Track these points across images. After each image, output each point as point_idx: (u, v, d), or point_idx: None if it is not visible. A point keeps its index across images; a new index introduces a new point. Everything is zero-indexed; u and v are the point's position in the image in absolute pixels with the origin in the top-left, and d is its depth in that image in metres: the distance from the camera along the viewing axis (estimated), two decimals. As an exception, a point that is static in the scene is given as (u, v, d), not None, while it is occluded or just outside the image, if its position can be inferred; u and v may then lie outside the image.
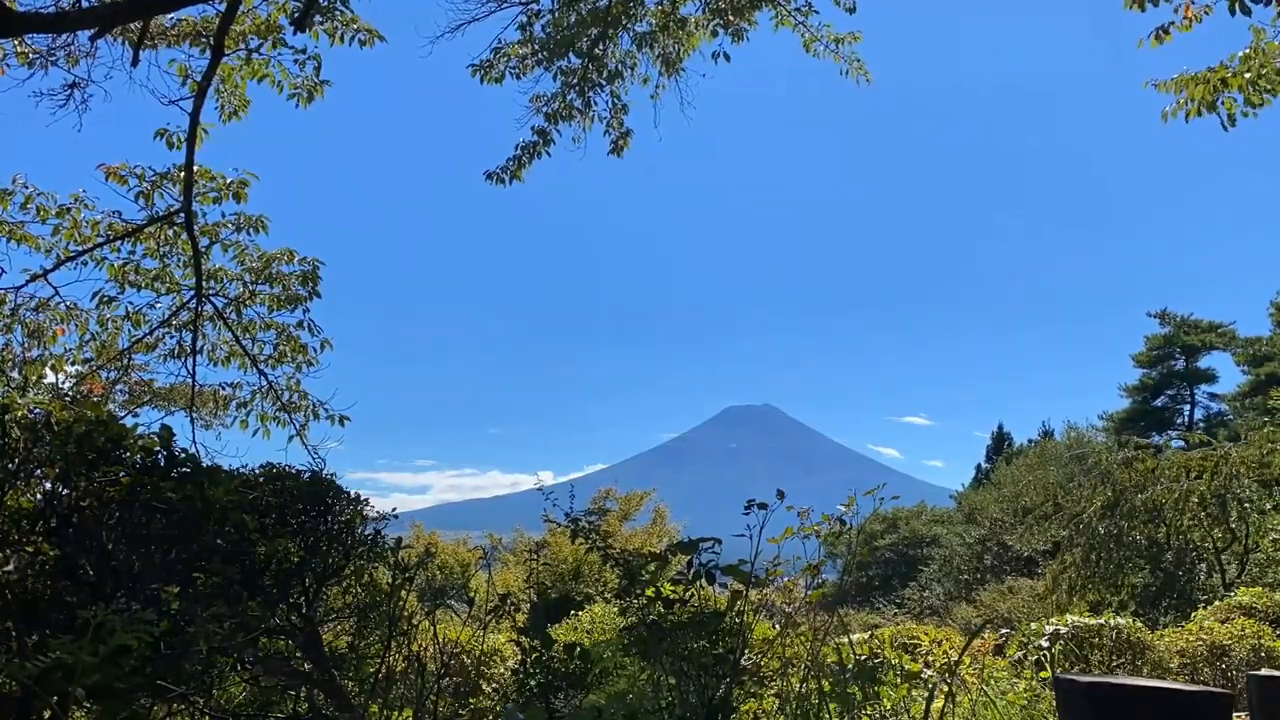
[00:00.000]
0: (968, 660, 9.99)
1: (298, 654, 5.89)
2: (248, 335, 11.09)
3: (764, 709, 5.94)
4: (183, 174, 9.77)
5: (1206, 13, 7.80)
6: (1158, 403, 56.78)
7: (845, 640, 6.43)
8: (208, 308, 10.82)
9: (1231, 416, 51.75)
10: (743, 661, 5.55)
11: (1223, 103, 8.24)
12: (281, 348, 11.16)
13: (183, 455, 5.38)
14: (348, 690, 5.98)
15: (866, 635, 10.88)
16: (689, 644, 5.53)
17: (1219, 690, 5.05)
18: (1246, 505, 18.19)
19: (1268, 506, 17.98)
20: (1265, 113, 8.18)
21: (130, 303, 10.69)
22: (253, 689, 5.64)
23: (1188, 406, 56.58)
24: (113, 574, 4.90)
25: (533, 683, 5.87)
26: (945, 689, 7.11)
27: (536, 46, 10.36)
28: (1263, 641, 11.20)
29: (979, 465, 65.53)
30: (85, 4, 8.62)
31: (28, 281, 9.96)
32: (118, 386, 11.48)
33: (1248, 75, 8.07)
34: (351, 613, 6.44)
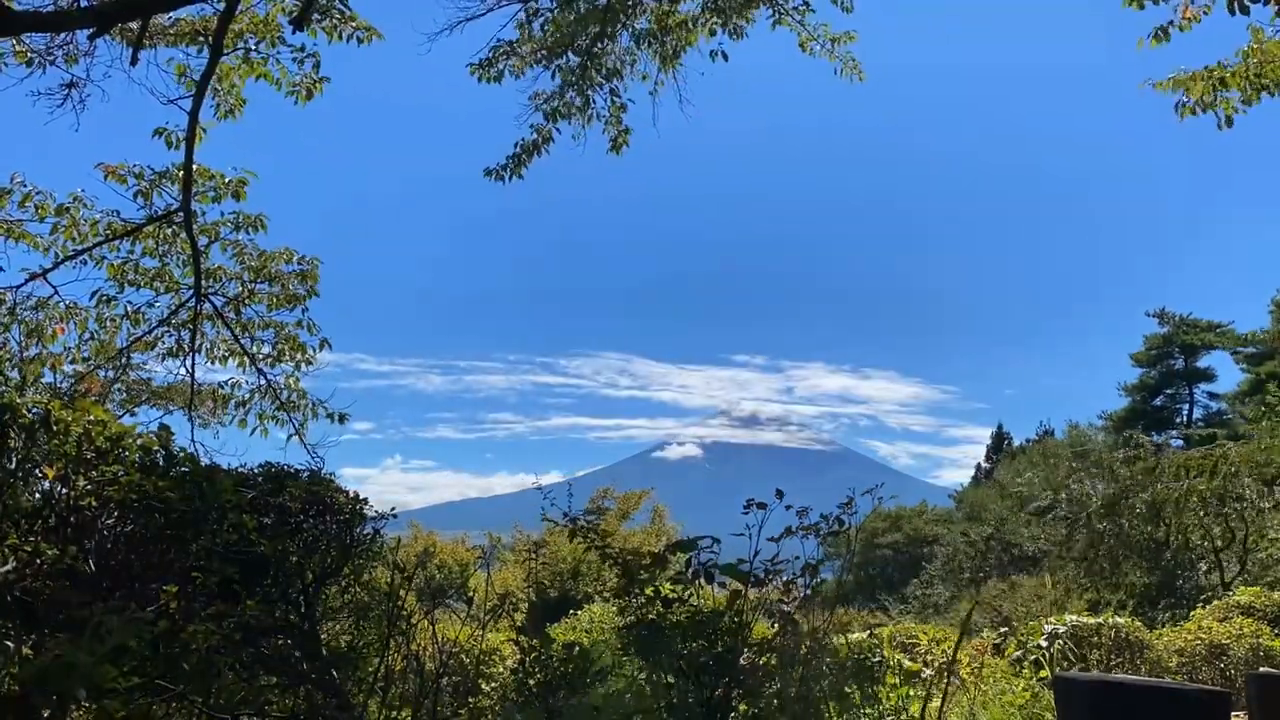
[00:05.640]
0: (966, 660, 9.99)
1: (296, 653, 5.89)
2: (247, 334, 11.08)
3: (763, 709, 5.93)
4: (181, 173, 9.76)
5: (1205, 12, 7.81)
6: (1157, 402, 56.89)
7: (844, 640, 6.43)
8: (206, 307, 10.81)
9: (1230, 415, 51.84)
10: (741, 661, 5.55)
11: (1220, 102, 8.25)
12: (280, 347, 11.15)
13: (181, 454, 5.38)
14: (347, 689, 5.98)
15: (866, 634, 10.88)
16: (688, 643, 5.53)
17: (1218, 689, 5.06)
18: (1246, 504, 18.20)
19: (1266, 506, 17.99)
20: (1268, 112, 8.19)
21: (129, 302, 10.69)
22: (251, 688, 5.63)
23: (1187, 406, 56.71)
24: (111, 573, 4.90)
25: (532, 682, 5.87)
26: (943, 687, 7.11)
27: (535, 44, 10.36)
28: (1261, 640, 11.20)
29: (979, 464, 65.69)
30: (84, 3, 8.61)
31: (27, 280, 9.96)
32: (115, 385, 11.47)
33: (1246, 74, 8.08)
34: (350, 612, 6.44)
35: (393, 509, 6.57)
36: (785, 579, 5.89)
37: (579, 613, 14.30)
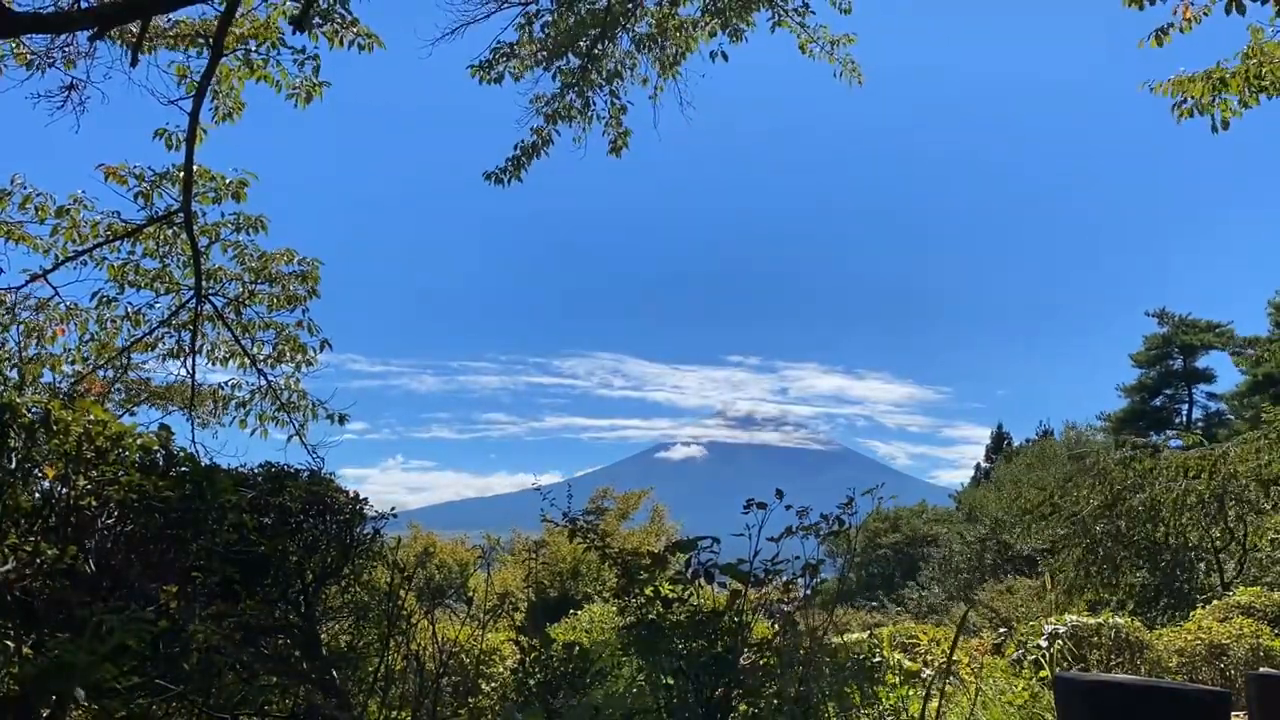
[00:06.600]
0: (965, 659, 9.99)
1: (296, 653, 5.90)
2: (247, 335, 11.09)
3: (763, 709, 5.94)
4: (182, 174, 9.77)
5: (1205, 14, 7.82)
6: (1156, 402, 56.89)
7: (843, 639, 6.44)
8: (207, 307, 10.83)
9: (1230, 416, 51.86)
10: (741, 661, 5.55)
11: (1218, 104, 8.27)
12: (281, 347, 11.17)
13: (181, 454, 5.38)
14: (347, 689, 5.99)
15: (865, 634, 10.88)
16: (688, 643, 5.53)
17: (1218, 689, 5.07)
18: (1245, 505, 18.19)
19: (1266, 506, 17.98)
20: (1268, 113, 8.21)
21: (130, 303, 10.71)
22: (251, 688, 5.64)
23: (1186, 406, 56.72)
24: (111, 573, 4.90)
25: (532, 682, 5.88)
26: (941, 688, 7.12)
27: (536, 47, 10.38)
28: (1261, 641, 11.20)
29: (978, 464, 65.72)
30: (84, 4, 8.61)
31: (27, 282, 9.98)
32: (115, 386, 11.48)
33: (1246, 75, 8.09)
34: (350, 612, 6.45)
35: (392, 509, 6.58)
36: (785, 579, 5.90)
37: (579, 613, 14.29)
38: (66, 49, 9.36)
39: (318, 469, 6.81)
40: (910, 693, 7.23)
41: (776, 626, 5.92)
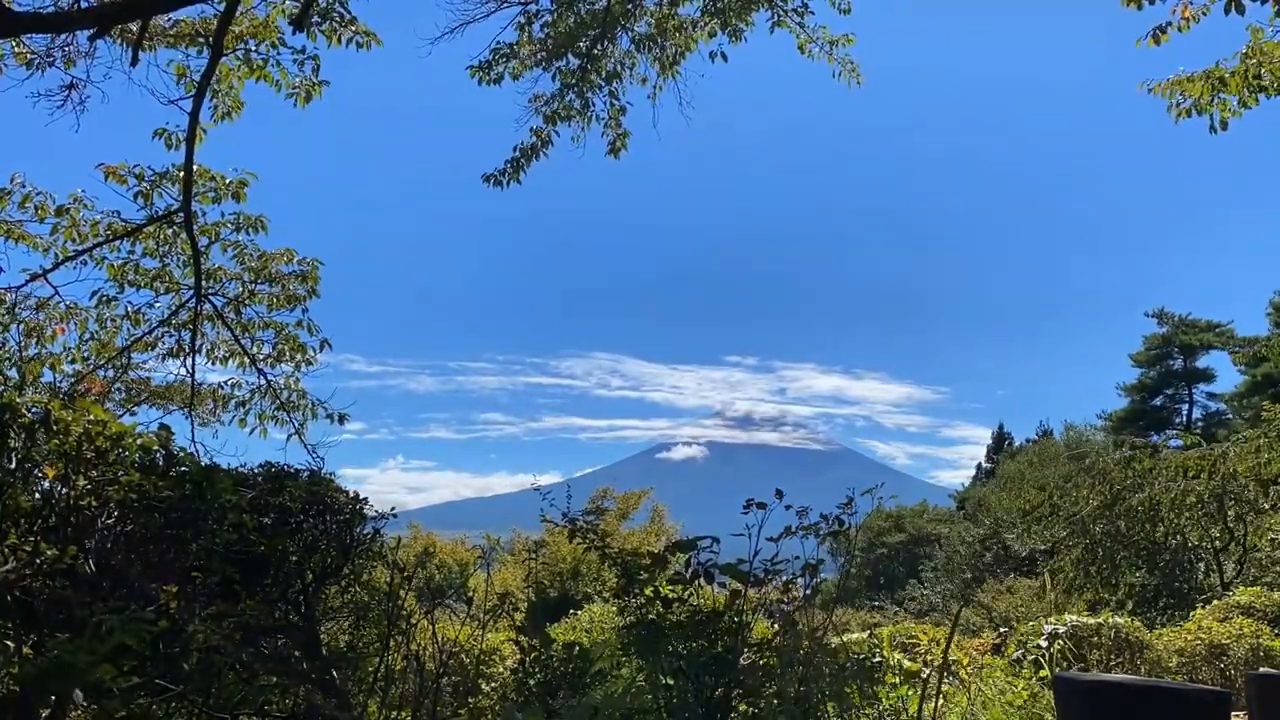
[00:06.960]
0: (965, 659, 9.99)
1: (296, 653, 5.90)
2: (247, 334, 11.10)
3: (763, 709, 5.94)
4: (182, 174, 9.77)
5: (1204, 13, 7.81)
6: (1156, 402, 56.91)
7: (843, 640, 6.44)
8: (207, 307, 10.83)
9: (1230, 416, 51.87)
10: (741, 661, 5.55)
11: (1217, 104, 8.26)
12: (280, 347, 11.17)
13: (181, 454, 5.38)
14: (347, 689, 5.99)
15: (866, 634, 10.88)
16: (688, 643, 5.53)
17: (1218, 689, 5.07)
18: (1244, 505, 18.20)
19: (1265, 506, 17.98)
20: (1268, 113, 8.21)
21: (129, 302, 10.71)
22: (251, 688, 5.64)
23: (1186, 406, 56.74)
24: (111, 573, 4.90)
25: (532, 682, 5.88)
26: (945, 687, 7.12)
27: (535, 47, 10.37)
28: (1261, 641, 11.21)
29: (979, 464, 65.77)
30: (84, 4, 8.61)
31: (27, 281, 9.97)
32: (115, 385, 11.49)
33: (1245, 74, 8.09)
34: (350, 612, 6.45)
35: (392, 509, 6.58)
36: (785, 579, 5.90)
37: (579, 613, 14.30)
38: (66, 48, 9.35)
39: (317, 469, 6.82)
40: (910, 692, 7.24)
41: (776, 626, 5.92)
